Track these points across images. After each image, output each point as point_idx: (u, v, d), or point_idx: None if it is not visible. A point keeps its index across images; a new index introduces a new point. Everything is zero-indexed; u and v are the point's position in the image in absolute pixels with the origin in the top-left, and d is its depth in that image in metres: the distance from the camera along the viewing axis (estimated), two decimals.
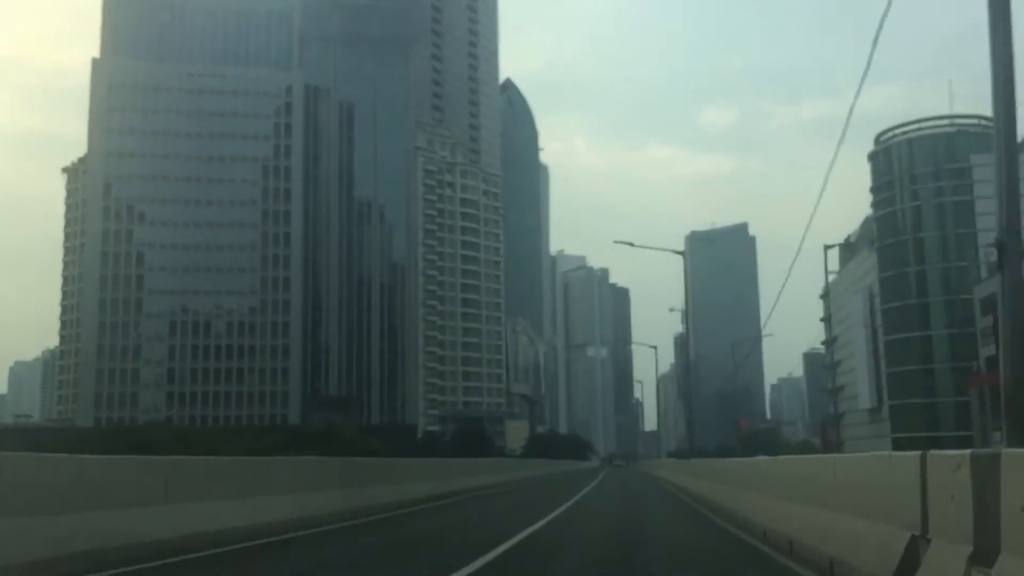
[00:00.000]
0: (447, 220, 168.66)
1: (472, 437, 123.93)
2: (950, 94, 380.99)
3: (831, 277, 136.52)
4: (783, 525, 11.52)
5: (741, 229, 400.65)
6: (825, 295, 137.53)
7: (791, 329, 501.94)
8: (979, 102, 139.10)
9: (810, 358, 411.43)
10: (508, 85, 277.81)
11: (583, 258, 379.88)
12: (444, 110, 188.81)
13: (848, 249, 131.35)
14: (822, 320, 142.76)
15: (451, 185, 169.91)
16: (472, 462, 46.81)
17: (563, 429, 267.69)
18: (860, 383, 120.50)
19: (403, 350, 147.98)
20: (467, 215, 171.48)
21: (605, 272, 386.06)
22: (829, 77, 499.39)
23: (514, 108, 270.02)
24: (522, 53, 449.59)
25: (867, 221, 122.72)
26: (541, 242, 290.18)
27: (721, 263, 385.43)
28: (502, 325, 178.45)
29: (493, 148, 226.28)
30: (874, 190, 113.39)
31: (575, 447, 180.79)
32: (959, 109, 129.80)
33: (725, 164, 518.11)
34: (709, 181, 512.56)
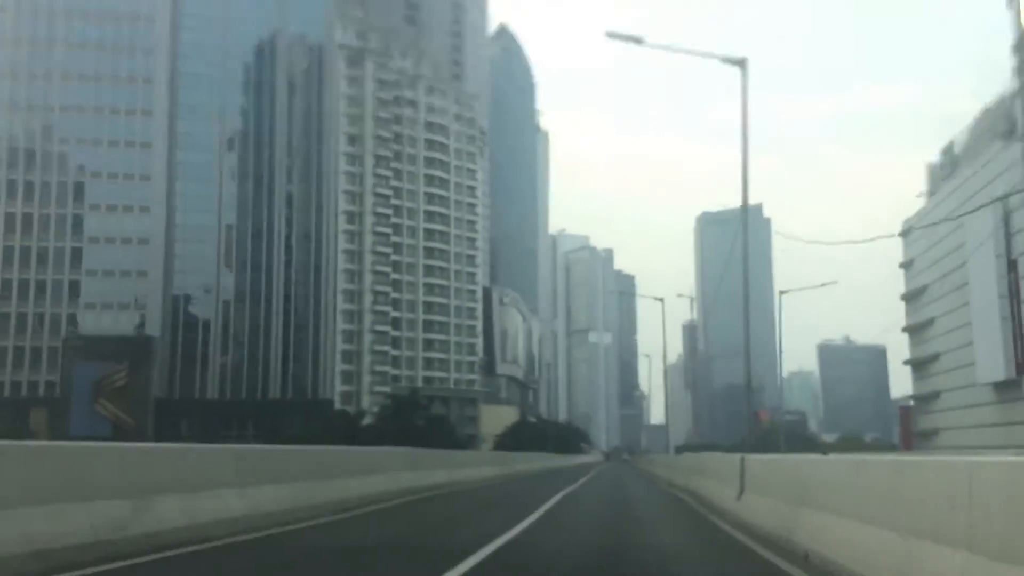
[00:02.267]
0: (406, 148, 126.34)
1: (407, 420, 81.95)
2: None
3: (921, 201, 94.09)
4: None
5: (755, 211, 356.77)
6: (906, 232, 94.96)
7: (805, 320, 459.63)
8: None
9: (824, 350, 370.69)
10: (503, 32, 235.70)
11: (586, 238, 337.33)
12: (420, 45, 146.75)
13: (949, 163, 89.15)
14: (901, 266, 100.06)
15: (412, 104, 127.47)
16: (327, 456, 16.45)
17: (562, 420, 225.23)
18: (981, 346, 77.34)
19: (320, 308, 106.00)
20: (433, 144, 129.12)
21: (609, 253, 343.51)
22: (837, 73, 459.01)
23: (509, 56, 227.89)
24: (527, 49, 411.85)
25: (988, 112, 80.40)
26: (538, 213, 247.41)
27: (733, 247, 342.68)
28: (477, 284, 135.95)
29: (479, 88, 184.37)
30: (1019, 47, 70.48)
31: (567, 438, 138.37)
32: None
33: (734, 158, 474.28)
34: (717, 175, 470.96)
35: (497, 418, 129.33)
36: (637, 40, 22.84)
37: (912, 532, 5.68)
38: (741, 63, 22.33)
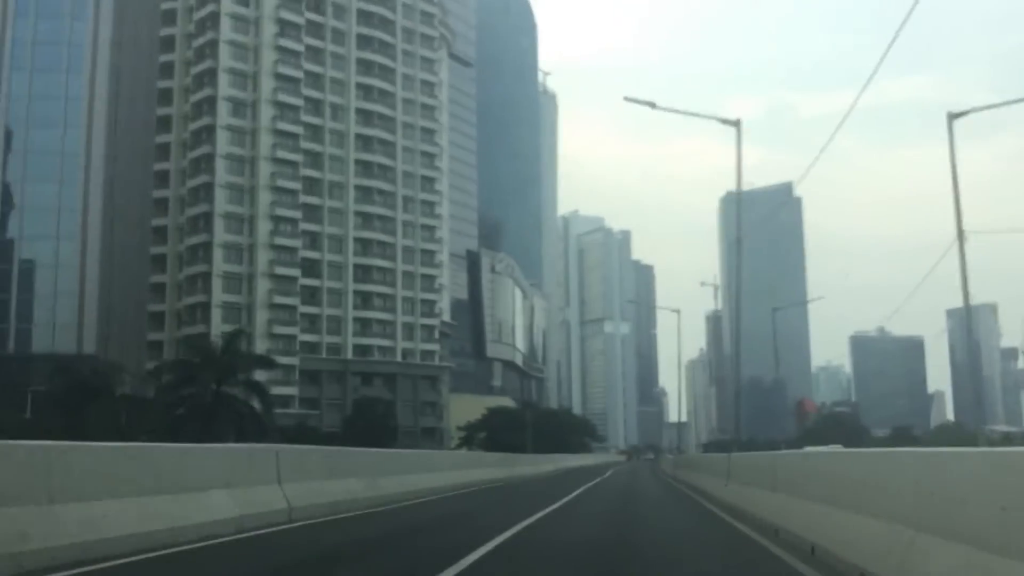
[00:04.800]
0: (330, 19, 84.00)
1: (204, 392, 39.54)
2: None
3: None
4: None
5: (785, 189, 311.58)
6: None
7: (837, 311, 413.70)
8: None
9: (857, 342, 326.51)
10: None
11: (601, 219, 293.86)
12: None
13: None
14: None
15: None
16: None
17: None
18: None
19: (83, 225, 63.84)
20: (371, 17, 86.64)
21: (626, 236, 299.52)
22: (855, 67, 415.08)
23: None
24: (545, 45, 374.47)
25: None
26: (542, 179, 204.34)
27: (762, 228, 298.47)
28: (438, 218, 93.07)
29: (465, 11, 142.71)
30: None
31: (567, 433, 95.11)
32: None
33: (753, 154, 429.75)
34: (734, 170, 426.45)
35: (479, 410, 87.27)
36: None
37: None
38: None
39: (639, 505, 17.59)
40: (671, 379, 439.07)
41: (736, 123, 24.62)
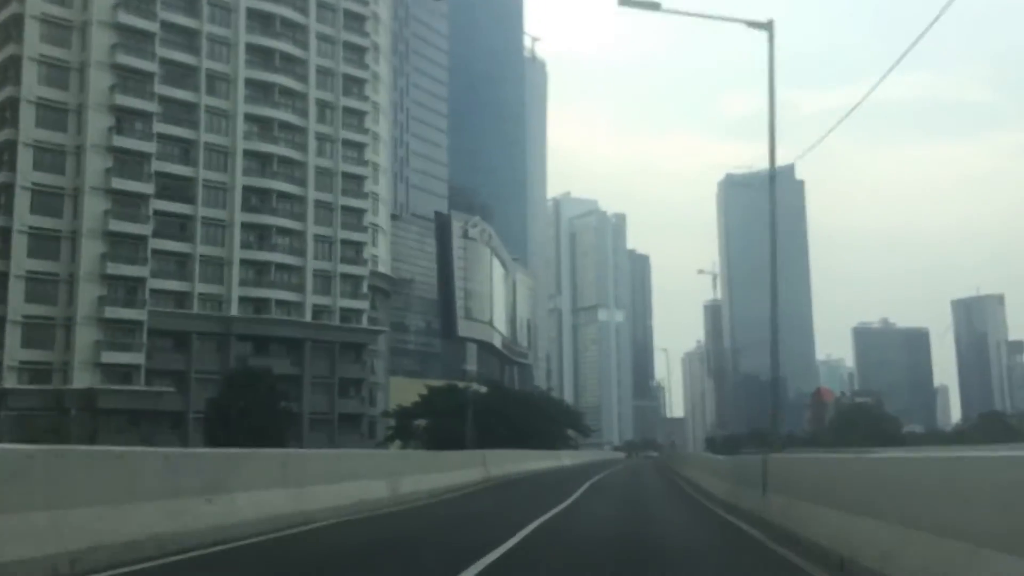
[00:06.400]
0: None
1: None
2: None
3: None
4: None
5: (787, 172, 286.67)
6: None
7: (839, 301, 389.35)
8: None
9: (860, 334, 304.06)
10: None
11: (594, 202, 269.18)
12: None
13: None
14: None
15: None
16: None
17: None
18: None
19: None
20: None
21: (621, 219, 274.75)
22: (853, 64, 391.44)
23: None
24: (545, 42, 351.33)
25: None
26: (528, 145, 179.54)
27: (763, 213, 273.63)
28: (370, 136, 67.85)
29: None
30: None
31: (546, 423, 69.90)
32: None
33: (752, 150, 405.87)
34: (733, 167, 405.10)
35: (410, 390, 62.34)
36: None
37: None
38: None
39: None
40: (670, 360, 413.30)
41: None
